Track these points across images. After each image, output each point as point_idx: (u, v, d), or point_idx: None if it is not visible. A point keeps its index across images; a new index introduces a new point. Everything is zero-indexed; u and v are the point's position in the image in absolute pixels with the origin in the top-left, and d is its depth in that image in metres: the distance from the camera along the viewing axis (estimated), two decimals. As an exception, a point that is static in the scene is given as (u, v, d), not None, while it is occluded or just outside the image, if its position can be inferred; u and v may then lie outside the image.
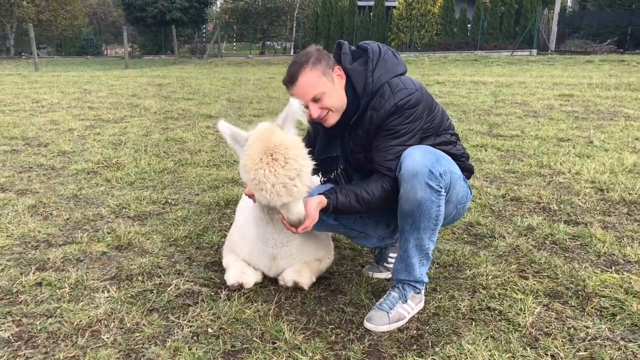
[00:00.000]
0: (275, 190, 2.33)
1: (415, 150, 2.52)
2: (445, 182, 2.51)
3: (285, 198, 2.36)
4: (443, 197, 2.53)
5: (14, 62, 32.59)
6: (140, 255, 3.40)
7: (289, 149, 2.36)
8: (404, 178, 2.48)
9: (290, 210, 2.43)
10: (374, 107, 2.60)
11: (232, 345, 2.44)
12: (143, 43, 42.78)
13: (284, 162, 2.34)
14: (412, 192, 2.47)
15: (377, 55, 2.66)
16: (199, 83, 15.18)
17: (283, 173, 2.33)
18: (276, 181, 2.33)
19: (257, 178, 2.35)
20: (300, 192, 2.38)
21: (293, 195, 2.37)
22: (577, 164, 5.43)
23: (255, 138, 2.42)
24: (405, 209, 2.52)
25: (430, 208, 2.50)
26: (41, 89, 13.43)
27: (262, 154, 2.35)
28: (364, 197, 2.59)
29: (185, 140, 6.97)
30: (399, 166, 2.52)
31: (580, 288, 2.92)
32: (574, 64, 20.30)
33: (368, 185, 2.61)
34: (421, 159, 2.46)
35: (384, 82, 2.61)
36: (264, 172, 2.33)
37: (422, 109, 2.61)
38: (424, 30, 32.10)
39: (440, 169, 2.48)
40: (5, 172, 5.36)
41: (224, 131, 2.49)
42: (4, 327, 2.57)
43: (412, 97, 2.57)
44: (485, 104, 9.88)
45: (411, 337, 2.52)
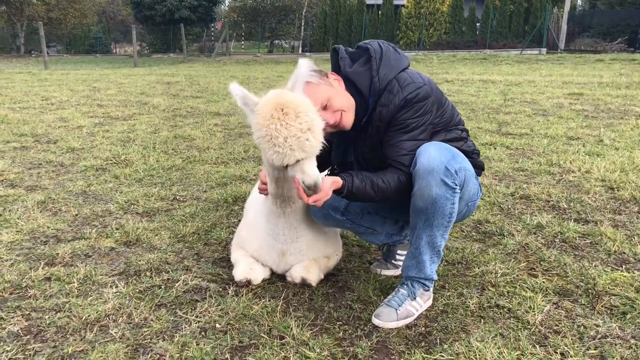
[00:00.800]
0: (288, 144, 2.28)
1: (431, 146, 2.49)
2: (460, 179, 2.49)
3: (298, 153, 2.30)
4: (457, 195, 2.50)
5: (24, 60, 32.82)
6: (148, 251, 3.41)
7: (299, 105, 2.33)
8: (419, 174, 2.45)
9: (305, 170, 2.35)
10: (383, 103, 2.58)
11: (240, 340, 2.44)
12: (152, 41, 42.91)
13: (295, 116, 2.30)
14: (427, 189, 2.44)
15: (379, 53, 2.64)
16: (207, 81, 15.22)
17: (295, 125, 2.29)
18: (288, 134, 2.28)
19: (269, 133, 2.31)
20: (313, 147, 2.32)
21: (306, 150, 2.31)
22: (587, 162, 5.39)
23: (266, 99, 2.40)
24: (419, 205, 2.50)
25: (445, 205, 2.48)
26: (51, 87, 13.51)
27: (273, 110, 2.32)
28: (380, 185, 2.56)
29: (193, 138, 6.98)
30: (414, 162, 2.49)
31: (591, 286, 2.90)
32: (583, 62, 20.18)
33: (384, 174, 2.58)
34: (437, 156, 2.44)
35: (391, 78, 2.59)
36: (276, 126, 2.29)
37: (432, 102, 2.58)
38: (433, 28, 32.01)
39: (455, 166, 2.46)
40: (15, 168, 5.39)
41: (236, 93, 2.44)
42: (13, 321, 2.58)
43: (420, 91, 2.55)
44: (494, 103, 9.84)
45: (419, 334, 2.51)
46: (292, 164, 2.34)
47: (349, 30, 34.62)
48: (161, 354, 2.33)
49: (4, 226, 3.80)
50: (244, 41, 51.69)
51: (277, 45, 48.55)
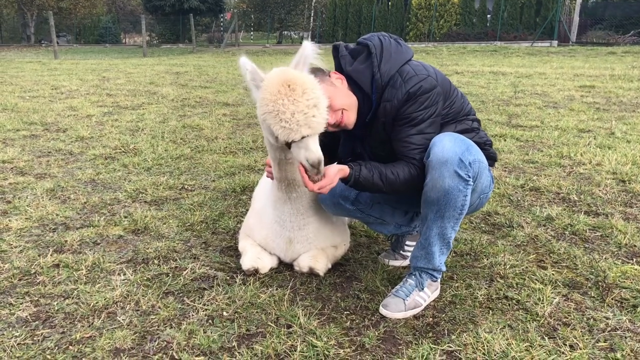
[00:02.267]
0: (295, 119, 2.26)
1: (445, 137, 2.46)
2: (474, 171, 2.45)
3: (304, 129, 2.28)
4: (470, 187, 2.46)
5: (34, 49, 32.94)
6: (156, 239, 3.42)
7: (305, 82, 2.33)
8: (433, 165, 2.42)
9: (309, 147, 2.33)
10: (387, 98, 2.54)
11: (247, 329, 2.44)
12: (161, 32, 42.94)
13: (302, 92, 2.29)
14: (440, 180, 2.41)
15: (379, 49, 2.59)
16: (216, 72, 15.21)
17: (302, 101, 2.28)
18: (295, 109, 2.27)
19: (276, 108, 2.29)
20: (318, 123, 2.31)
21: (312, 126, 2.29)
22: (598, 155, 5.33)
23: (271, 75, 2.39)
24: (431, 196, 2.47)
25: (457, 197, 2.45)
26: (60, 76, 13.55)
27: (280, 85, 2.31)
28: (389, 176, 2.53)
29: (202, 128, 6.98)
30: (428, 152, 2.46)
31: (601, 279, 2.87)
32: (595, 55, 19.97)
33: (394, 166, 2.55)
34: (452, 147, 2.40)
35: (393, 72, 2.55)
36: (283, 101, 2.28)
37: (437, 93, 2.54)
38: (443, 20, 31.75)
39: (470, 157, 2.42)
40: (25, 156, 5.42)
41: (246, 67, 2.43)
42: (22, 306, 2.60)
43: (423, 83, 2.50)
44: (505, 95, 9.76)
45: (427, 325, 2.50)
46: (297, 140, 2.32)
47: (358, 21, 34.43)
48: (168, 341, 2.34)
49: (14, 213, 3.82)
50: (253, 32, 51.59)
51: (286, 36, 48.41)
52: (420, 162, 2.52)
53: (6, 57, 24.59)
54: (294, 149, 2.36)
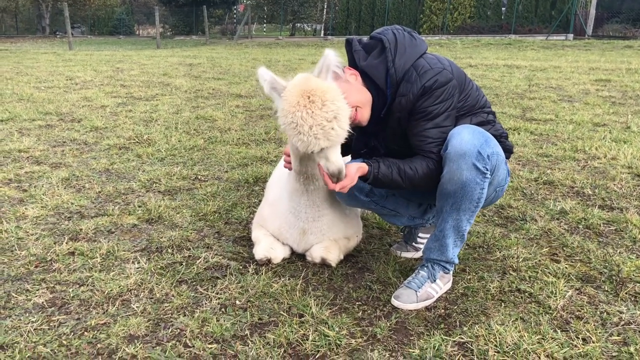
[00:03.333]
0: (313, 132, 2.28)
1: (464, 129, 2.45)
2: (491, 164, 2.44)
3: (323, 142, 2.30)
4: (488, 180, 2.45)
5: (49, 41, 33.16)
6: (170, 229, 3.44)
7: (326, 92, 2.32)
8: (451, 157, 2.41)
9: (330, 158, 2.36)
10: (402, 93, 2.53)
11: (260, 317, 2.46)
12: (174, 23, 43.04)
13: (321, 104, 2.29)
14: (458, 172, 2.40)
15: (393, 43, 2.56)
16: (229, 63, 15.23)
17: (320, 114, 2.28)
18: (314, 123, 2.28)
19: (294, 121, 2.31)
20: (338, 135, 2.32)
21: (331, 138, 2.31)
22: (614, 149, 5.28)
23: (293, 84, 2.39)
24: (448, 189, 2.46)
25: (474, 190, 2.44)
26: (75, 67, 13.64)
27: (300, 97, 2.31)
28: (407, 172, 2.53)
29: (215, 119, 7.00)
30: (446, 145, 2.45)
31: (614, 273, 2.85)
32: (612, 49, 19.74)
33: (412, 162, 2.55)
34: (470, 139, 2.39)
35: (408, 67, 2.53)
36: (302, 114, 2.29)
37: (452, 87, 2.52)
38: (457, 12, 31.51)
39: (488, 150, 2.41)
40: (40, 145, 5.47)
41: (264, 78, 2.43)
42: (38, 293, 2.63)
43: (439, 77, 2.49)
44: (519, 88, 9.68)
45: (439, 316, 2.50)
46: (317, 151, 2.34)
47: (371, 14, 34.26)
48: (181, 329, 2.36)
49: (30, 201, 3.87)
50: (266, 24, 51.53)
51: (299, 28, 48.30)
52: (437, 156, 2.51)
53: (22, 48, 24.80)
54: (315, 156, 2.41)
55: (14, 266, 2.90)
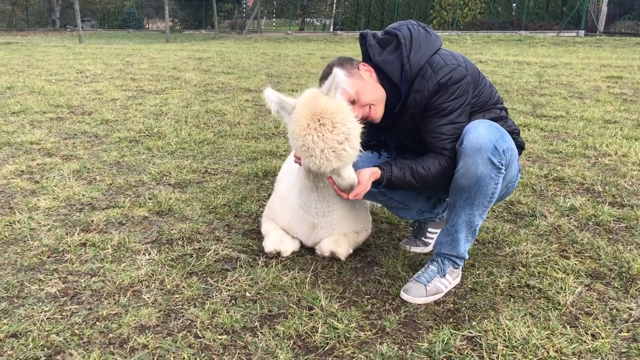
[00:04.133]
0: (325, 155, 2.30)
1: (480, 124, 2.44)
2: (507, 159, 2.44)
3: (335, 163, 2.33)
4: (502, 175, 2.45)
5: (60, 34, 33.31)
6: (180, 221, 3.47)
7: (336, 113, 2.32)
8: (466, 152, 2.41)
9: (342, 176, 2.40)
10: (417, 89, 2.53)
11: (269, 310, 2.47)
12: (184, 17, 43.10)
13: (332, 127, 2.30)
14: (473, 167, 2.40)
15: (409, 39, 2.56)
16: (238, 58, 15.24)
17: (331, 137, 2.30)
18: (325, 146, 2.29)
19: (305, 144, 2.32)
20: (349, 156, 2.35)
21: (342, 159, 2.33)
22: (625, 146, 5.25)
23: (302, 105, 2.39)
24: (462, 183, 2.46)
25: (489, 185, 2.44)
26: (85, 60, 13.70)
27: (310, 119, 2.32)
28: (420, 172, 2.54)
29: (224, 113, 7.02)
30: (461, 139, 2.45)
31: (625, 270, 2.85)
32: (623, 46, 19.58)
33: (424, 161, 2.56)
34: (487, 134, 2.39)
35: (423, 63, 2.53)
36: (312, 137, 2.30)
37: (467, 83, 2.52)
38: (467, 8, 31.31)
39: (504, 145, 2.41)
40: (52, 137, 5.51)
41: (271, 99, 2.42)
42: (51, 283, 2.66)
43: (454, 73, 2.49)
44: (529, 84, 9.64)
45: (448, 311, 2.51)
46: (329, 171, 2.38)
47: (381, 9, 34.12)
48: (192, 320, 2.38)
49: (42, 193, 3.90)
50: (275, 19, 51.45)
51: (308, 23, 48.19)
52: (451, 152, 2.51)
53: (32, 40, 24.92)
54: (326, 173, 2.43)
55: (26, 256, 2.93)
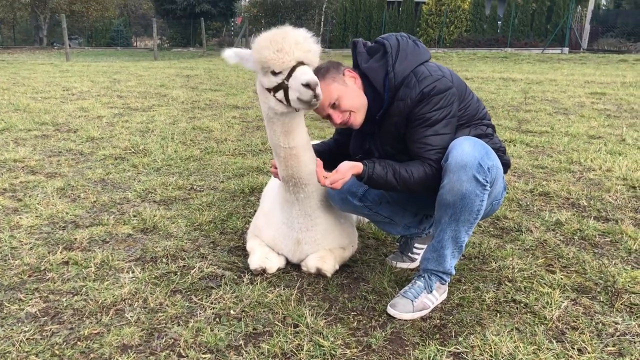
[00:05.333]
0: (287, 42, 2.38)
1: (465, 141, 2.45)
2: (491, 177, 2.45)
3: (297, 53, 2.39)
4: (487, 192, 2.46)
5: (47, 52, 33.22)
6: (165, 238, 3.43)
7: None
8: (451, 169, 2.41)
9: (304, 71, 2.39)
10: (401, 97, 2.55)
11: (254, 327, 2.44)
12: (172, 35, 43.16)
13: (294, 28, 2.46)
14: (458, 184, 2.40)
15: (395, 48, 2.60)
16: (226, 75, 15.27)
17: (294, 32, 2.44)
18: (286, 35, 2.41)
19: (269, 37, 2.43)
20: (310, 50, 2.42)
21: (304, 49, 2.40)
22: (609, 161, 5.30)
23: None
24: (447, 199, 2.46)
25: (474, 202, 2.44)
26: (72, 78, 13.66)
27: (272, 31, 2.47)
28: (402, 174, 2.53)
29: (211, 129, 7.00)
30: (446, 156, 2.45)
31: (610, 284, 2.85)
32: (606, 62, 19.89)
33: (409, 165, 2.56)
34: (471, 151, 2.39)
35: (408, 72, 2.56)
36: (276, 32, 2.44)
37: (451, 94, 2.54)
38: (453, 26, 31.71)
39: (489, 163, 2.42)
40: (36, 155, 5.46)
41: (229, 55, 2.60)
42: (31, 302, 2.62)
43: (437, 84, 2.51)
44: (515, 100, 9.73)
45: (434, 327, 2.49)
46: (292, 66, 2.39)
47: (368, 27, 34.43)
48: (175, 339, 2.35)
49: (24, 211, 3.85)
50: (264, 36, 51.59)
51: (296, 40, 48.36)
52: (436, 163, 2.52)
53: (19, 58, 24.83)
54: (292, 83, 2.40)
55: (7, 275, 2.88)
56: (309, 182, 2.74)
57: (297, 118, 2.60)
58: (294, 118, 2.59)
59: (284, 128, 2.60)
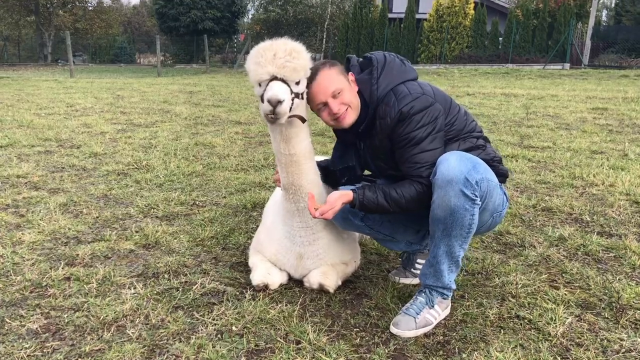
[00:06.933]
0: (266, 56, 2.44)
1: (452, 155, 2.46)
2: (481, 190, 2.44)
3: (270, 67, 2.43)
4: (478, 206, 2.46)
5: (51, 68, 33.47)
6: (167, 254, 3.42)
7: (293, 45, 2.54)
8: (438, 184, 2.42)
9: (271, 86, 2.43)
10: (380, 115, 2.62)
11: (256, 344, 2.43)
12: (175, 52, 43.52)
13: (284, 42, 2.51)
14: (446, 199, 2.41)
15: (381, 63, 2.68)
16: (229, 91, 15.34)
17: (280, 46, 2.47)
18: (269, 47, 2.47)
19: (259, 47, 2.50)
20: (288, 70, 2.44)
21: (279, 66, 2.43)
22: (611, 176, 5.29)
23: None
24: (438, 215, 2.47)
25: (464, 216, 2.44)
26: (75, 94, 13.73)
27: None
28: (393, 196, 2.55)
29: (214, 145, 7.02)
30: (434, 171, 2.46)
31: (614, 300, 2.83)
32: (608, 78, 19.93)
33: (398, 186, 2.58)
34: (457, 165, 2.40)
35: (389, 90, 2.62)
36: (268, 42, 2.51)
37: (434, 110, 2.56)
38: (455, 42, 31.90)
39: (476, 176, 2.42)
40: (39, 171, 5.48)
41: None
42: (33, 318, 2.61)
43: (415, 103, 2.54)
44: (517, 116, 9.75)
45: (437, 343, 2.47)
46: (267, 80, 2.44)
47: (370, 43, 34.66)
48: (177, 355, 2.33)
49: (27, 227, 3.85)
50: (266, 53, 51.93)
51: (298, 57, 48.66)
52: (427, 180, 2.53)
53: (23, 75, 25.00)
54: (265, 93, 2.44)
55: (8, 291, 2.87)
56: (308, 191, 2.75)
57: (295, 127, 2.62)
58: (293, 127, 2.61)
59: (283, 135, 2.64)
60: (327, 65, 2.64)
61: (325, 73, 2.60)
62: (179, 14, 38.63)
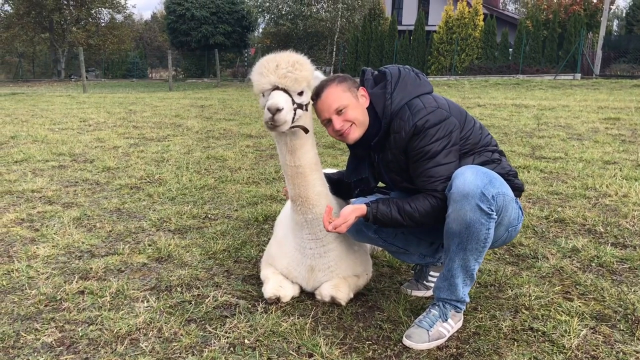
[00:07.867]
0: (269, 66, 2.50)
1: (468, 170, 2.46)
2: (497, 205, 2.43)
3: (272, 77, 2.47)
4: (494, 221, 2.45)
5: (64, 84, 33.87)
6: (179, 267, 3.44)
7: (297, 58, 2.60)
8: (454, 198, 2.42)
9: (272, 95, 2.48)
10: (395, 129, 2.62)
11: (269, 357, 2.43)
12: (187, 67, 43.88)
13: (288, 54, 2.57)
14: (462, 213, 2.40)
15: (395, 77, 2.68)
16: (240, 105, 15.44)
17: (283, 57, 2.54)
18: (272, 59, 2.53)
19: (264, 59, 2.55)
20: (290, 80, 2.48)
21: (280, 76, 2.47)
22: (625, 186, 5.25)
23: None
24: (453, 228, 2.46)
25: (480, 231, 2.43)
26: (89, 109, 13.89)
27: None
28: (407, 209, 2.55)
29: (225, 158, 7.07)
30: (450, 185, 2.46)
31: (630, 312, 2.80)
32: (620, 88, 19.82)
33: (413, 200, 2.58)
34: (473, 180, 2.39)
35: (403, 104, 2.62)
36: (272, 55, 2.57)
37: (449, 124, 2.56)
38: (465, 54, 31.92)
39: (493, 191, 2.41)
40: (53, 186, 5.54)
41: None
42: (47, 332, 2.63)
43: (430, 117, 2.54)
44: (528, 127, 9.72)
45: (451, 356, 2.46)
46: (269, 89, 2.50)
47: (380, 56, 34.77)
48: (190, 369, 2.34)
49: (41, 241, 3.89)
50: (277, 66, 52.21)
51: (308, 70, 48.85)
52: (441, 194, 2.52)
53: (38, 91, 25.33)
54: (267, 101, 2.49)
55: (23, 305, 2.90)
56: (316, 204, 2.76)
57: (300, 138, 2.65)
58: (297, 138, 2.64)
59: (288, 147, 2.67)
60: (335, 82, 2.66)
61: (330, 90, 2.63)
62: (190, 29, 39.01)
